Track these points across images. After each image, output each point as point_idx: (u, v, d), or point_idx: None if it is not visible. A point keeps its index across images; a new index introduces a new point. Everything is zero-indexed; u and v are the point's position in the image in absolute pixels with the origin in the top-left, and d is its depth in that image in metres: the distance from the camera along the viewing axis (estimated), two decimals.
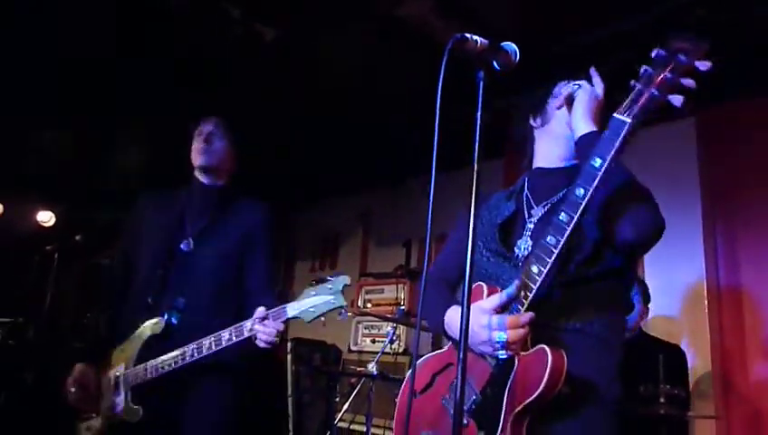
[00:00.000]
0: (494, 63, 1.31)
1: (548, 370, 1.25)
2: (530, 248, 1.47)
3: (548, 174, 1.61)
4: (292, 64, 4.05)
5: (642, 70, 1.28)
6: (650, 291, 3.19)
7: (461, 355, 1.13)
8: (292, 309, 1.82)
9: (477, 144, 1.19)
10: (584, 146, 1.40)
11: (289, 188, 6.14)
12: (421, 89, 4.14)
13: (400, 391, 1.60)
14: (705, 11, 3.26)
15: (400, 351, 4.40)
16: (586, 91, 1.53)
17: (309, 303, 1.80)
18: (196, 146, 2.26)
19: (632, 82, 1.29)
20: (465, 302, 1.16)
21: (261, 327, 1.84)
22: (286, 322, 1.85)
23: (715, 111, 3.65)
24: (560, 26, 3.63)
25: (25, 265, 4.27)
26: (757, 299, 3.38)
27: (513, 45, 1.30)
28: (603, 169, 1.27)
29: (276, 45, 3.77)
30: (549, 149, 1.63)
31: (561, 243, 1.29)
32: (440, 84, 1.20)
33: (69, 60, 4.24)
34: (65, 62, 4.27)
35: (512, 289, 1.35)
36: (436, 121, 1.22)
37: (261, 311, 1.86)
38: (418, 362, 1.53)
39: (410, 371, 1.47)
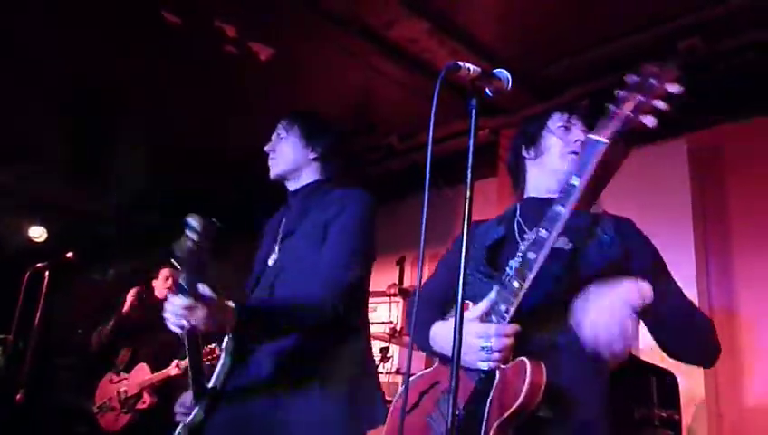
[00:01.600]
0: (487, 91, 1.32)
1: (527, 382, 1.25)
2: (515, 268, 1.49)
3: (541, 202, 1.61)
4: (287, 80, 4.08)
5: (617, 93, 1.36)
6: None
7: (454, 373, 1.15)
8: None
9: (470, 170, 1.20)
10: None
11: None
12: (415, 108, 4.22)
13: (390, 410, 1.58)
14: (698, 39, 3.33)
15: (393, 370, 4.38)
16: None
17: None
18: None
19: (608, 105, 1.37)
20: (458, 320, 1.18)
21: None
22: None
23: (706, 134, 3.69)
24: (554, 48, 3.68)
25: (16, 282, 4.24)
26: (751, 322, 3.39)
27: (506, 72, 1.31)
28: (581, 187, 1.34)
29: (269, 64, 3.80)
30: (541, 182, 1.66)
31: (541, 258, 1.33)
32: (433, 111, 1.21)
33: (64, 79, 4.27)
34: (61, 81, 4.29)
35: (493, 294, 1.38)
36: (429, 142, 1.23)
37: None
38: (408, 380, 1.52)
39: (402, 389, 1.47)
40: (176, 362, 3.50)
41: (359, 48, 3.67)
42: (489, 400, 1.31)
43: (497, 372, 1.33)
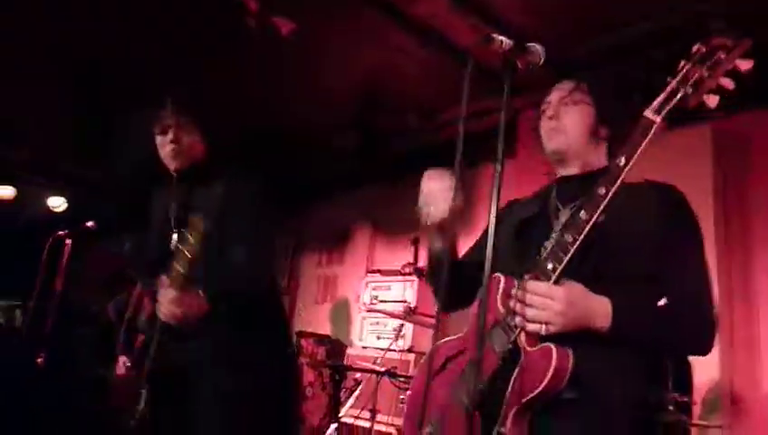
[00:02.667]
0: (519, 64, 1.31)
1: (552, 368, 1.24)
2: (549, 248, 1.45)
3: (576, 179, 1.58)
4: (306, 58, 4.06)
5: (680, 65, 1.25)
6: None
7: (479, 347, 1.17)
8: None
9: (501, 143, 1.19)
10: None
11: (297, 182, 6.15)
12: (435, 86, 4.18)
13: (416, 372, 1.63)
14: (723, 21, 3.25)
15: (405, 349, 4.40)
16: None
17: None
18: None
19: (669, 79, 1.26)
20: (484, 297, 1.21)
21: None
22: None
23: (732, 120, 3.61)
24: (581, 26, 3.61)
25: (35, 249, 4.29)
26: None
27: (539, 46, 1.30)
28: (627, 168, 1.28)
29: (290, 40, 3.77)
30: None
31: (578, 241, 1.29)
32: (467, 83, 1.20)
33: (81, 46, 4.27)
34: (78, 46, 4.29)
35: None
36: (461, 120, 1.23)
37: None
38: (437, 343, 1.54)
39: (427, 355, 1.48)
40: None
41: (381, 24, 3.63)
42: (512, 380, 1.30)
43: (522, 352, 1.30)
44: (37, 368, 3.80)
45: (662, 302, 1.42)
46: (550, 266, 1.30)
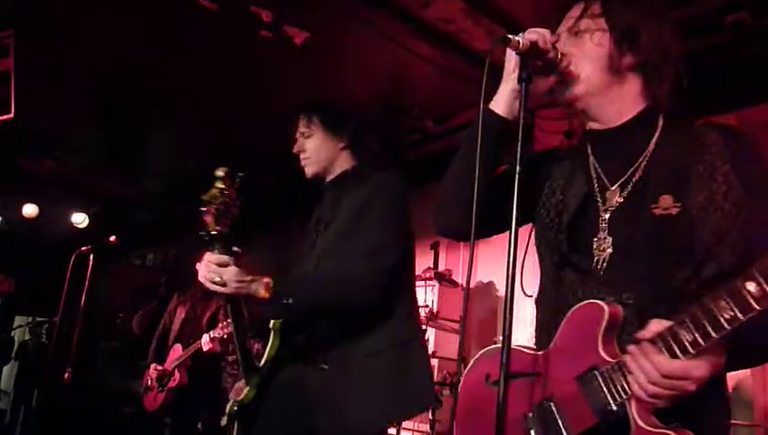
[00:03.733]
0: (537, 63, 1.27)
1: None
2: (611, 248, 1.18)
3: (614, 134, 1.26)
4: (321, 65, 4.07)
5: None
6: None
7: (504, 365, 1.00)
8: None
9: (520, 143, 1.14)
10: None
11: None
12: (451, 90, 4.16)
13: (462, 377, 1.33)
14: (746, 13, 3.20)
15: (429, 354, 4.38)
16: None
17: None
18: None
19: None
20: (508, 304, 1.04)
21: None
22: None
23: (755, 110, 3.55)
24: None
25: (59, 266, 4.36)
26: None
27: (557, 46, 1.27)
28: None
29: (305, 47, 3.78)
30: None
31: (740, 321, 0.94)
32: (484, 85, 1.17)
33: (103, 62, 4.33)
34: (100, 63, 4.35)
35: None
36: (479, 123, 1.20)
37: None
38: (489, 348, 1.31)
39: (477, 357, 1.29)
40: (207, 336, 3.50)
41: (394, 29, 3.63)
42: None
43: (633, 425, 1.03)
44: (63, 383, 3.83)
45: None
46: (688, 339, 0.99)
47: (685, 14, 3.29)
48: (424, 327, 4.22)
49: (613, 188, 1.23)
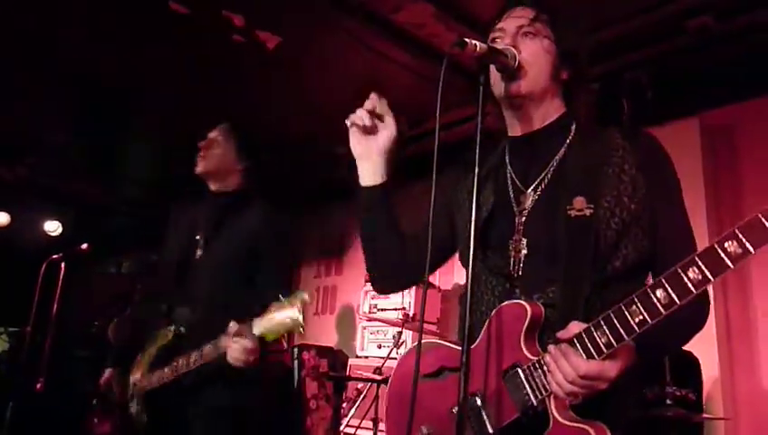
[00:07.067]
0: (495, 67, 1.30)
1: None
2: (526, 250, 1.25)
3: (531, 142, 1.34)
4: (294, 69, 4.07)
5: None
6: None
7: (464, 360, 1.06)
8: (257, 326, 1.77)
9: (478, 147, 1.17)
10: None
11: (293, 192, 6.15)
12: (424, 94, 4.18)
13: (396, 365, 1.42)
14: (709, 17, 3.26)
15: None
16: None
17: (272, 320, 1.76)
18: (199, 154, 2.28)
19: None
20: (468, 308, 1.09)
21: (231, 344, 1.82)
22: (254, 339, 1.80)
23: (719, 113, 3.64)
24: None
25: (33, 275, 4.29)
26: (766, 304, 3.35)
27: (513, 50, 1.29)
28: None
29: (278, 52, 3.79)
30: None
31: (649, 325, 1.03)
32: (440, 89, 1.19)
33: (76, 70, 4.28)
34: (73, 72, 4.30)
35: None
36: (437, 126, 1.22)
37: (233, 326, 1.82)
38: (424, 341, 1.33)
39: (412, 351, 1.35)
40: None
41: (366, 34, 3.65)
42: None
43: (552, 420, 1.12)
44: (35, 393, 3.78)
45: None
46: (603, 341, 1.06)
47: (646, 20, 3.37)
48: (400, 330, 4.27)
49: (527, 191, 1.31)
